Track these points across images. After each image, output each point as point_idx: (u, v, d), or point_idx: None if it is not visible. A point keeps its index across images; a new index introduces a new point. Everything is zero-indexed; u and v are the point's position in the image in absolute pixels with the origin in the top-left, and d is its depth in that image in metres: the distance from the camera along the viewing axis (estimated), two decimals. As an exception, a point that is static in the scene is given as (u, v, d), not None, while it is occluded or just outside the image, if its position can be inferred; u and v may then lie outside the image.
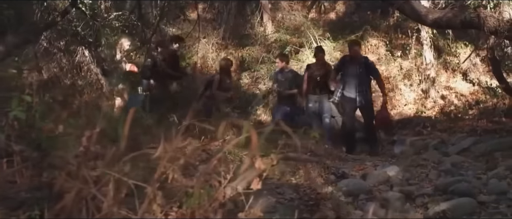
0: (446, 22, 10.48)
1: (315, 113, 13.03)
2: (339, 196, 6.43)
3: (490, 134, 11.82)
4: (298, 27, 21.68)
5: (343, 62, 12.74)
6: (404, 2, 10.72)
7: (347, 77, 12.36)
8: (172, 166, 3.14)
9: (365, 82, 12.30)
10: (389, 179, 7.76)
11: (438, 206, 6.39)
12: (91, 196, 2.90)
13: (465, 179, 7.41)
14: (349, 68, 12.37)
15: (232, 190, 3.61)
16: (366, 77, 12.40)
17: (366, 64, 12.44)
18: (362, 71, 12.26)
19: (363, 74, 12.29)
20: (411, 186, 7.54)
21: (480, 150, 9.91)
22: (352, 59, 12.38)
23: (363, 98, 12.18)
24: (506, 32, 9.93)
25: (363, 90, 12.19)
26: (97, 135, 3.18)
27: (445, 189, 6.98)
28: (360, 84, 12.18)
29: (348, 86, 12.30)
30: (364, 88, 12.24)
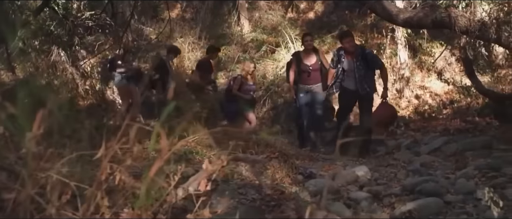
0: (417, 22, 10.49)
1: (307, 104, 12.29)
2: (304, 196, 6.39)
3: (463, 134, 11.86)
4: (276, 27, 21.66)
5: (338, 55, 11.59)
6: (376, 1, 10.72)
7: (345, 71, 11.41)
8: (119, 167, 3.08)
9: (365, 75, 11.28)
10: (358, 179, 7.74)
11: (404, 206, 6.38)
12: (30, 198, 2.84)
13: (433, 179, 7.40)
14: (345, 62, 11.40)
15: (183, 191, 3.57)
16: (366, 70, 11.31)
17: (363, 55, 11.39)
18: (360, 63, 11.25)
19: (362, 67, 11.25)
20: (379, 186, 7.54)
21: (451, 149, 9.91)
22: (347, 51, 11.38)
23: (367, 92, 11.26)
24: (477, 31, 9.94)
25: (366, 83, 11.25)
26: (42, 136, 3.12)
27: (413, 189, 6.97)
28: (361, 79, 11.23)
29: (347, 81, 11.41)
30: (368, 80, 11.30)
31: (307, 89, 12.31)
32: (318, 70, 12.33)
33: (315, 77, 12.29)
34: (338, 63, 11.49)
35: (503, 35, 9.99)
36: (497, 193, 6.56)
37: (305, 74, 12.30)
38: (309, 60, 12.36)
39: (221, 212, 5.04)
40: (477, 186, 7.13)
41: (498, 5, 10.50)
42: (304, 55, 12.51)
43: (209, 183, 3.29)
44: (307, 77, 12.30)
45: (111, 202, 3.12)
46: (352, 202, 6.74)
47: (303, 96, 12.33)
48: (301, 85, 12.38)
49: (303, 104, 12.35)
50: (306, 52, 12.53)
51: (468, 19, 9.97)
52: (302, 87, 12.35)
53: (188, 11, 24.28)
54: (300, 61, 12.40)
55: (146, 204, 3.18)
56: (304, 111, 12.38)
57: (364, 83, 11.22)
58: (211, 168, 3.29)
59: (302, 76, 12.36)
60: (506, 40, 10.02)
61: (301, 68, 12.32)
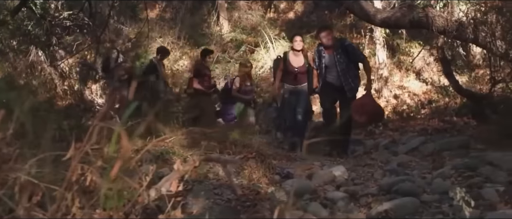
0: (395, 22, 10.52)
1: (290, 104, 11.86)
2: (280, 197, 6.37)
3: (441, 133, 11.92)
4: (255, 27, 21.70)
5: (318, 52, 11.27)
6: (353, 1, 10.73)
7: (326, 68, 11.05)
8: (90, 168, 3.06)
9: (348, 69, 10.89)
10: (335, 179, 7.71)
11: (381, 205, 6.36)
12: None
13: (410, 178, 7.39)
14: (326, 57, 11.05)
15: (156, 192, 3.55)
16: (348, 63, 10.91)
17: (343, 47, 10.96)
18: (340, 57, 10.85)
19: (343, 60, 10.86)
20: (356, 185, 7.51)
21: (429, 149, 9.93)
22: (326, 46, 11.04)
23: (352, 87, 10.90)
24: (454, 31, 9.98)
25: (350, 78, 10.88)
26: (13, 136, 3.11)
27: (389, 188, 6.95)
28: (344, 73, 10.86)
29: (329, 76, 11.02)
30: (351, 74, 10.94)
31: (292, 89, 11.93)
32: (305, 72, 11.93)
33: (301, 79, 11.91)
34: (319, 60, 11.18)
35: (480, 35, 10.03)
36: (474, 192, 6.65)
37: (291, 76, 11.89)
38: (296, 62, 11.92)
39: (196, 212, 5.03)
40: (454, 186, 7.15)
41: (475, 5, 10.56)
42: (292, 57, 12.02)
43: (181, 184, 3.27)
44: (293, 79, 11.90)
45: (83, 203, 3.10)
46: (329, 202, 6.71)
47: (287, 96, 11.99)
48: (287, 85, 12.00)
49: (286, 104, 12.01)
50: (294, 54, 12.02)
51: (446, 19, 10.00)
52: (287, 87, 11.98)
53: (168, 11, 24.29)
54: (287, 63, 11.95)
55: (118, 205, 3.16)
56: (286, 110, 12.00)
57: (348, 77, 10.85)
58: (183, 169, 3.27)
59: (288, 77, 11.95)
60: (483, 40, 10.07)
61: (288, 69, 11.90)
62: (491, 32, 10.02)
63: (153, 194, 3.51)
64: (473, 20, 10.19)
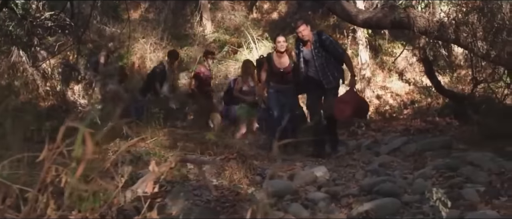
0: (376, 22, 10.53)
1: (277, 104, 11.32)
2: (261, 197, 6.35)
3: (423, 134, 11.94)
4: (238, 27, 21.69)
5: (297, 48, 10.88)
6: (335, 2, 10.73)
7: (306, 62, 10.69)
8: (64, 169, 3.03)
9: (327, 64, 10.49)
10: (316, 180, 7.72)
11: (362, 206, 6.36)
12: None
13: (391, 179, 7.40)
14: (304, 53, 10.67)
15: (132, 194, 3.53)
16: (326, 57, 10.52)
17: (320, 41, 10.54)
18: (318, 51, 10.48)
19: (320, 54, 10.48)
20: (337, 186, 7.52)
21: (411, 149, 9.94)
22: (304, 41, 10.63)
23: (331, 82, 10.52)
24: (436, 32, 10.00)
25: (327, 73, 10.50)
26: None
27: (370, 189, 6.96)
28: (322, 68, 10.49)
29: (310, 71, 10.64)
30: (331, 68, 10.53)
31: (278, 88, 11.43)
32: (291, 72, 11.36)
33: (287, 79, 11.38)
34: (298, 56, 10.86)
35: (462, 36, 10.05)
36: (454, 193, 6.66)
37: (277, 77, 11.43)
38: (281, 63, 11.40)
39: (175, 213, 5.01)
40: (434, 186, 7.16)
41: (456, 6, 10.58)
42: (276, 58, 11.47)
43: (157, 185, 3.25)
44: (279, 79, 11.43)
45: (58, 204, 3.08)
46: (310, 202, 6.71)
47: (274, 94, 11.46)
48: (272, 84, 11.53)
49: (272, 104, 11.45)
50: (278, 55, 11.46)
51: (427, 19, 10.02)
52: (273, 86, 11.50)
53: (151, 11, 24.23)
54: (272, 64, 11.45)
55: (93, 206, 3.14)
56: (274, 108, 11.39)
57: (327, 71, 10.46)
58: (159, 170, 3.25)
59: (274, 78, 11.50)
60: (465, 40, 10.09)
61: (273, 70, 11.42)
62: (473, 33, 10.04)
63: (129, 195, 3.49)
64: (455, 20, 10.21)
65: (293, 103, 11.73)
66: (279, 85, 11.45)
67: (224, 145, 8.33)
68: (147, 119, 9.47)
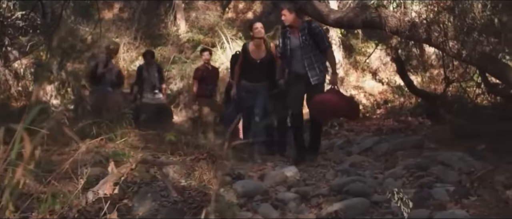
0: (348, 22, 10.51)
1: (249, 104, 10.62)
2: (230, 198, 6.34)
3: (395, 133, 11.99)
4: (212, 27, 21.66)
5: (283, 34, 10.10)
6: (307, 1, 10.70)
7: (291, 52, 9.81)
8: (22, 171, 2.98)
9: (314, 55, 9.67)
10: (287, 180, 7.70)
11: (331, 206, 6.36)
12: None
13: (361, 179, 7.41)
14: (291, 40, 9.81)
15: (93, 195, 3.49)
16: (315, 48, 9.71)
17: (310, 30, 9.73)
18: (306, 39, 9.64)
19: (309, 45, 9.65)
20: (307, 186, 7.51)
21: (382, 149, 9.98)
22: (292, 27, 9.84)
23: (317, 75, 9.65)
24: (407, 31, 10.01)
25: (314, 64, 9.65)
26: None
27: (340, 189, 6.96)
28: (308, 58, 9.62)
29: (294, 62, 9.77)
30: (316, 60, 9.68)
31: (251, 87, 10.68)
32: (267, 66, 10.68)
33: (262, 74, 10.63)
34: (283, 45, 10.02)
35: (433, 35, 10.08)
36: (424, 192, 6.68)
37: (251, 69, 10.65)
38: (258, 54, 10.70)
39: (142, 214, 4.97)
40: (404, 186, 7.19)
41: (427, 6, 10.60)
42: (253, 47, 10.76)
43: (117, 187, 3.22)
44: (253, 74, 10.64)
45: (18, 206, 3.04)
46: (280, 203, 6.69)
47: (245, 94, 10.72)
48: (245, 82, 10.75)
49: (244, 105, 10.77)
50: (256, 44, 10.75)
51: (398, 19, 10.03)
52: (246, 84, 10.75)
53: (126, 11, 24.15)
54: (247, 54, 10.72)
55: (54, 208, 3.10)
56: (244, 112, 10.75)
57: (314, 62, 9.65)
58: (119, 171, 3.22)
59: (247, 72, 10.72)
60: (436, 40, 10.12)
61: (249, 62, 10.66)
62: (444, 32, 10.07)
63: (90, 196, 3.45)
64: (426, 20, 10.24)
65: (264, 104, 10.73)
66: (252, 83, 10.66)
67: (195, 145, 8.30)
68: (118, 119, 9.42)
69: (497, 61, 10.53)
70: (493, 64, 10.34)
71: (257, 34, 10.69)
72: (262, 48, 10.78)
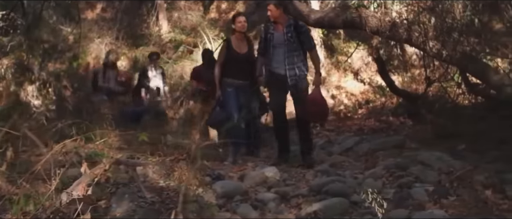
0: (328, 22, 10.56)
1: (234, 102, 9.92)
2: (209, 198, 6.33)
3: (377, 133, 12.02)
4: (195, 27, 21.61)
5: (266, 29, 9.58)
6: (288, 1, 10.69)
7: (273, 49, 9.34)
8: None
9: (297, 53, 9.26)
10: (267, 180, 7.67)
11: (310, 206, 6.37)
12: None
13: (341, 179, 7.41)
14: (274, 36, 9.35)
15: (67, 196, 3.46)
16: (298, 46, 9.28)
17: (296, 27, 9.37)
18: (291, 36, 9.23)
19: (292, 42, 9.21)
20: (287, 186, 7.50)
21: (363, 149, 10.00)
22: (277, 23, 9.42)
23: (296, 76, 9.23)
24: (388, 31, 10.05)
25: (295, 64, 9.23)
26: None
27: (320, 189, 6.96)
28: (290, 56, 9.20)
29: (275, 61, 9.33)
30: (297, 60, 9.26)
31: (237, 85, 9.96)
32: (250, 61, 10.02)
33: (246, 70, 9.92)
34: (265, 40, 9.50)
35: (414, 35, 10.12)
36: (403, 192, 6.70)
37: (235, 65, 9.93)
38: (241, 48, 10.07)
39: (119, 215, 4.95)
40: (384, 186, 7.20)
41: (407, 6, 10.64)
42: (235, 41, 10.09)
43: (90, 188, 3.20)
44: (236, 70, 9.91)
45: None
46: (259, 203, 6.69)
47: (231, 91, 9.94)
48: (229, 80, 9.98)
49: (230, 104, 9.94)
50: (238, 38, 10.12)
51: (379, 19, 10.08)
52: (231, 82, 9.97)
53: (109, 11, 24.07)
54: (231, 49, 10.03)
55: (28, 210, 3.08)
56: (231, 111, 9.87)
57: (296, 62, 9.24)
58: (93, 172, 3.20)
59: (230, 68, 9.96)
60: (417, 40, 10.16)
61: (232, 56, 9.97)
62: (424, 32, 10.11)
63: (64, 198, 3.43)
64: (406, 20, 10.27)
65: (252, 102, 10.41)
66: (237, 81, 9.93)
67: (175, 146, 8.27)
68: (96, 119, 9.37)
69: (478, 61, 10.58)
70: (473, 64, 10.40)
71: (241, 28, 10.09)
72: (245, 42, 10.22)
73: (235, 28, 10.13)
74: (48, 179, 3.91)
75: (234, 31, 10.18)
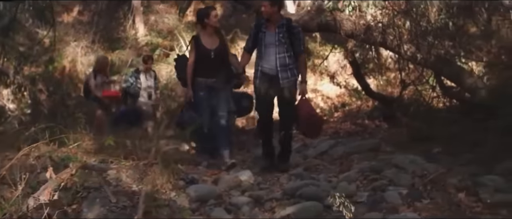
0: (303, 25, 10.52)
1: (207, 104, 9.40)
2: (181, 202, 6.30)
3: (352, 136, 12.02)
4: (171, 30, 21.57)
5: (257, 27, 9.05)
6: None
7: (264, 48, 8.87)
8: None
9: (289, 54, 8.78)
10: (241, 184, 7.68)
11: (284, 210, 6.36)
12: None
13: (314, 182, 7.42)
14: (266, 35, 8.85)
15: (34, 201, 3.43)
16: (290, 47, 8.80)
17: (289, 28, 8.90)
18: (283, 37, 8.77)
19: (284, 43, 8.75)
20: (261, 190, 7.49)
21: (338, 152, 10.00)
22: (269, 22, 8.91)
23: (288, 78, 8.81)
24: (363, 35, 10.07)
25: (288, 66, 8.78)
26: None
27: (293, 193, 6.96)
28: (282, 57, 8.74)
29: (266, 61, 8.86)
30: (290, 62, 8.80)
31: (210, 84, 9.38)
32: (222, 57, 9.44)
33: (218, 67, 9.36)
34: (255, 39, 9.01)
35: (388, 39, 10.15)
36: (377, 195, 6.70)
37: (206, 62, 9.29)
38: (211, 44, 9.40)
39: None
40: (358, 189, 7.20)
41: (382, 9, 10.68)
42: (205, 36, 9.43)
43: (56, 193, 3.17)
44: (208, 67, 9.29)
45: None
46: (233, 207, 6.67)
47: (202, 94, 9.38)
48: (201, 79, 9.37)
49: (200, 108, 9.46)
50: (208, 33, 9.45)
51: (354, 22, 10.11)
52: (202, 82, 9.38)
53: (85, 14, 23.98)
54: (200, 44, 9.37)
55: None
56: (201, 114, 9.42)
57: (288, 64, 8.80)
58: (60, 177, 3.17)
59: (201, 67, 9.33)
60: (391, 43, 10.20)
61: (202, 53, 9.32)
62: (399, 36, 10.15)
63: (31, 203, 3.39)
64: (381, 23, 10.30)
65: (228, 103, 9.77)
66: (209, 79, 9.32)
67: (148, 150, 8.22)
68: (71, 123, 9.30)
69: (452, 64, 10.64)
70: (448, 68, 10.46)
71: (214, 23, 9.49)
72: (216, 38, 9.54)
73: (208, 23, 9.41)
74: (14, 184, 3.87)
75: (206, 25, 9.46)
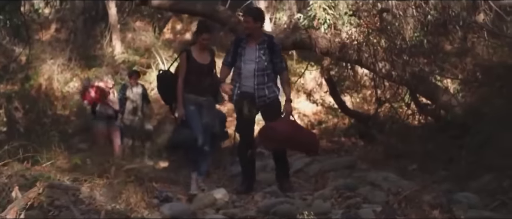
0: (278, 43, 10.53)
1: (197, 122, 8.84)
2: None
3: (328, 154, 12.01)
4: (149, 48, 21.57)
5: (237, 43, 8.75)
6: (237, 24, 10.70)
7: (243, 64, 8.56)
8: None
9: (268, 72, 8.50)
10: (216, 202, 7.70)
11: (259, 228, 6.37)
12: None
13: (289, 200, 7.42)
14: (246, 51, 8.58)
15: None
16: (269, 65, 8.52)
17: (270, 45, 8.62)
18: (264, 54, 8.49)
19: (265, 61, 8.48)
20: (236, 208, 7.51)
21: (314, 170, 10.02)
22: (250, 37, 8.65)
23: (265, 97, 8.50)
24: (338, 52, 10.09)
25: (265, 84, 8.48)
26: None
27: (268, 210, 6.97)
28: (261, 75, 8.43)
29: (244, 78, 8.55)
30: (267, 80, 8.50)
31: (201, 102, 8.92)
32: (212, 73, 9.07)
33: (209, 82, 8.91)
34: (235, 54, 8.72)
35: (364, 56, 10.19)
36: (351, 213, 6.70)
37: (198, 78, 8.82)
38: (203, 58, 8.92)
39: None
40: (333, 206, 7.20)
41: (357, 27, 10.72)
42: (197, 52, 8.90)
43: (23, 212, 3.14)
44: (199, 83, 8.82)
45: None
46: (208, 225, 6.69)
47: (194, 109, 8.87)
48: (190, 96, 8.85)
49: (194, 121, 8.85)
50: (201, 48, 8.94)
51: (329, 40, 10.13)
52: (193, 98, 8.88)
53: (63, 32, 23.91)
54: (192, 58, 8.83)
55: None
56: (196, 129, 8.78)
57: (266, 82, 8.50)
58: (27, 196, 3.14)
59: (193, 83, 8.83)
60: (366, 61, 10.23)
61: (194, 67, 8.80)
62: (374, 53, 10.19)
63: (-2, 222, 3.37)
64: (356, 41, 10.34)
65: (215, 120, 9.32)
66: (200, 97, 8.87)
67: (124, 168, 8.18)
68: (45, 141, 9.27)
69: (427, 81, 10.68)
70: (423, 85, 10.49)
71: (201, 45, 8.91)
72: (206, 53, 9.06)
73: (199, 40, 8.96)
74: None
75: (198, 41, 9.02)
